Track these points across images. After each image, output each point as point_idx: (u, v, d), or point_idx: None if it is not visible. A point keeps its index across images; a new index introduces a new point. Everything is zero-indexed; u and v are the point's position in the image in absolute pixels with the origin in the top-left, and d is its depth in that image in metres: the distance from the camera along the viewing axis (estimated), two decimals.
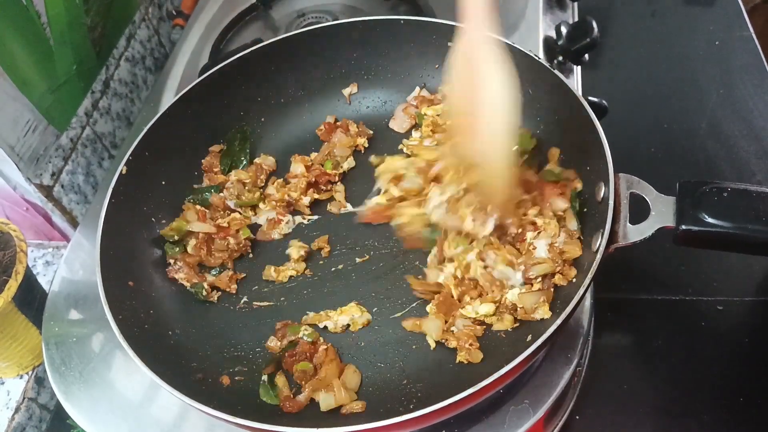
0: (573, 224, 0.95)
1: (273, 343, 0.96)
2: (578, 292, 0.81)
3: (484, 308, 0.92)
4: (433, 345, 0.92)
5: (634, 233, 0.85)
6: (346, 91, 1.23)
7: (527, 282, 0.92)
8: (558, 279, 0.91)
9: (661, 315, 1.18)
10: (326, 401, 0.88)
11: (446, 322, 0.93)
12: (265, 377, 0.91)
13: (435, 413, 0.75)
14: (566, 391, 0.96)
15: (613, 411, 1.08)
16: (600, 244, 0.83)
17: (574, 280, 0.90)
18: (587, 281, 0.81)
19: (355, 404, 0.88)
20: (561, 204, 0.96)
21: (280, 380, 0.92)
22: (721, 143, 1.43)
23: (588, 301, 1.01)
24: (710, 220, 0.83)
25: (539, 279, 0.91)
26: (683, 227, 0.84)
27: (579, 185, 0.97)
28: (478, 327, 0.92)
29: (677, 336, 1.15)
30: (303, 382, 0.91)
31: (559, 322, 0.79)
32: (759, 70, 1.55)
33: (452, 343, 0.91)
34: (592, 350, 1.08)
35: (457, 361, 0.89)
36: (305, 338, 0.95)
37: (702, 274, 1.22)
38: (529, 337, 0.87)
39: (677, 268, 1.23)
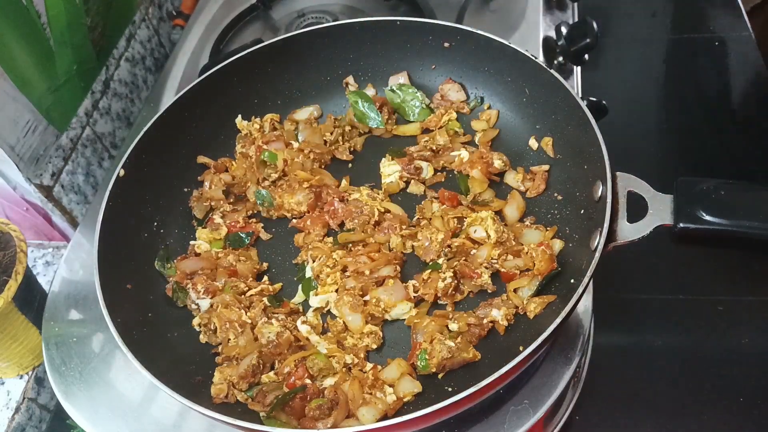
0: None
1: (258, 407, 0.89)
2: (577, 292, 0.81)
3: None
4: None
5: (632, 231, 0.85)
6: (350, 87, 1.23)
7: None
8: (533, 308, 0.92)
9: (661, 315, 1.18)
10: (369, 415, 0.84)
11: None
12: (263, 414, 0.87)
13: (435, 413, 0.75)
14: (566, 391, 0.95)
15: (613, 411, 1.08)
16: (598, 243, 0.83)
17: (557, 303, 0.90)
18: (586, 280, 0.81)
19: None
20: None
21: (282, 416, 0.87)
22: (722, 143, 1.43)
23: (588, 301, 1.01)
24: (708, 217, 0.83)
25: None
26: (681, 225, 0.84)
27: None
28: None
29: (677, 336, 1.15)
30: (322, 417, 0.85)
31: (558, 321, 0.79)
32: (759, 70, 1.55)
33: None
34: (592, 350, 1.08)
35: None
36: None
37: (702, 274, 1.22)
38: (529, 337, 0.87)
39: (677, 268, 1.23)
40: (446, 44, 1.15)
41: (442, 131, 1.14)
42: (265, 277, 1.04)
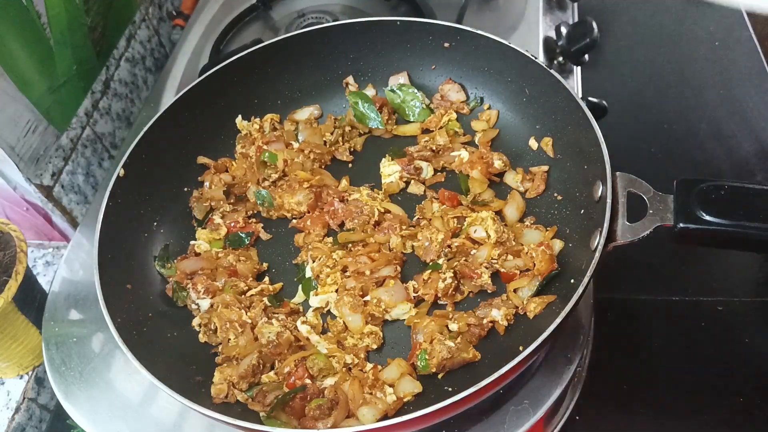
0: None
1: (258, 407, 0.89)
2: (577, 292, 0.81)
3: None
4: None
5: (632, 232, 0.85)
6: (350, 88, 1.23)
7: None
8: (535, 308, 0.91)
9: (661, 315, 1.19)
10: (370, 415, 0.84)
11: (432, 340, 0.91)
12: (263, 414, 0.87)
13: (435, 413, 0.75)
14: (566, 391, 0.96)
15: (613, 411, 1.08)
16: (598, 243, 0.83)
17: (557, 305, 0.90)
18: (586, 280, 0.81)
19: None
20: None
21: (283, 416, 0.87)
22: (721, 143, 1.43)
23: (588, 301, 1.01)
24: (708, 217, 0.83)
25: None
26: (681, 225, 0.84)
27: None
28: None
29: (677, 336, 1.15)
30: (322, 417, 0.85)
31: (558, 321, 0.79)
32: (759, 70, 1.55)
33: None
34: (592, 350, 1.08)
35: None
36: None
37: (702, 274, 1.22)
38: (529, 337, 0.87)
39: (677, 268, 1.23)
40: (446, 44, 1.15)
41: (442, 131, 1.14)
42: (266, 277, 1.04)
